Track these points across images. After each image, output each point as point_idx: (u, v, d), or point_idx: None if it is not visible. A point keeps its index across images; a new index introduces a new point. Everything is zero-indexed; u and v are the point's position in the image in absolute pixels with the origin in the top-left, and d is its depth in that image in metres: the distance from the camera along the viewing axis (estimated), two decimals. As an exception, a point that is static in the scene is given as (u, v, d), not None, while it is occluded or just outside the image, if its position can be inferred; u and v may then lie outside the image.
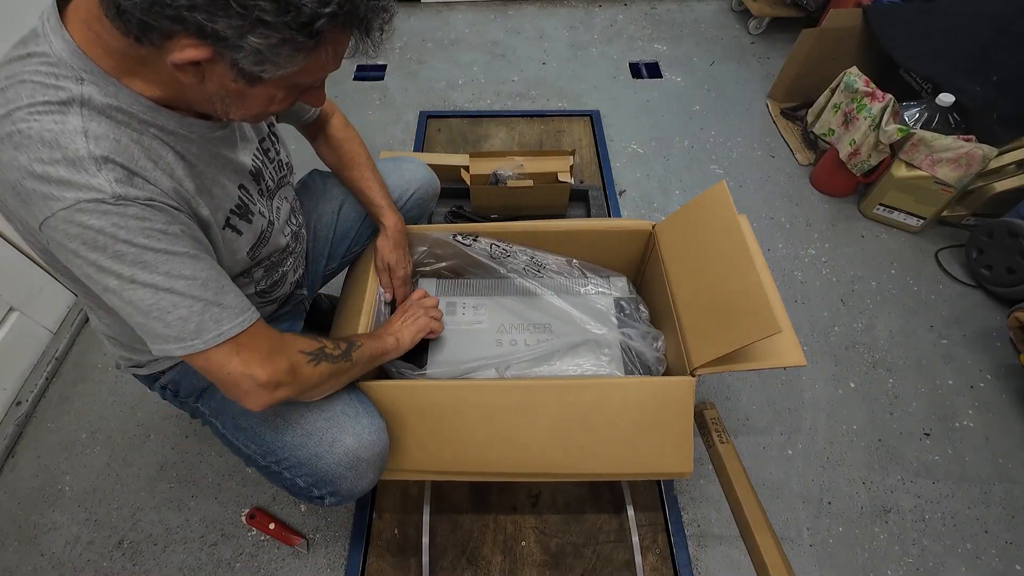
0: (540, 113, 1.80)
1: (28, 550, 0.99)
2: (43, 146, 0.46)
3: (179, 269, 0.51)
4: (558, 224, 1.00)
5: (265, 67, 0.46)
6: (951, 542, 1.00)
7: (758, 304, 0.73)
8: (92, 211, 0.47)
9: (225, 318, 0.55)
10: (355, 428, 0.72)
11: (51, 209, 0.47)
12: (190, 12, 0.41)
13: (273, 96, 0.53)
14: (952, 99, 1.34)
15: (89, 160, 0.47)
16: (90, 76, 0.48)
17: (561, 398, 0.79)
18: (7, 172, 0.47)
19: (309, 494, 0.74)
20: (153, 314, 0.52)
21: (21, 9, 1.10)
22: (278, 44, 0.44)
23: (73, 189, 0.46)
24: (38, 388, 1.17)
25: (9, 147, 0.46)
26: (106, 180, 0.47)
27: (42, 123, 0.46)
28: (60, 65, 0.48)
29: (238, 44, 0.43)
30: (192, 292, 0.52)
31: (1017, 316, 1.17)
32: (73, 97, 0.47)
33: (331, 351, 0.67)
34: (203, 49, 0.44)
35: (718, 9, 2.28)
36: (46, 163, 0.46)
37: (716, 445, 1.06)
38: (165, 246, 0.50)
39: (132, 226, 0.48)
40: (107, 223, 0.47)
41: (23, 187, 0.47)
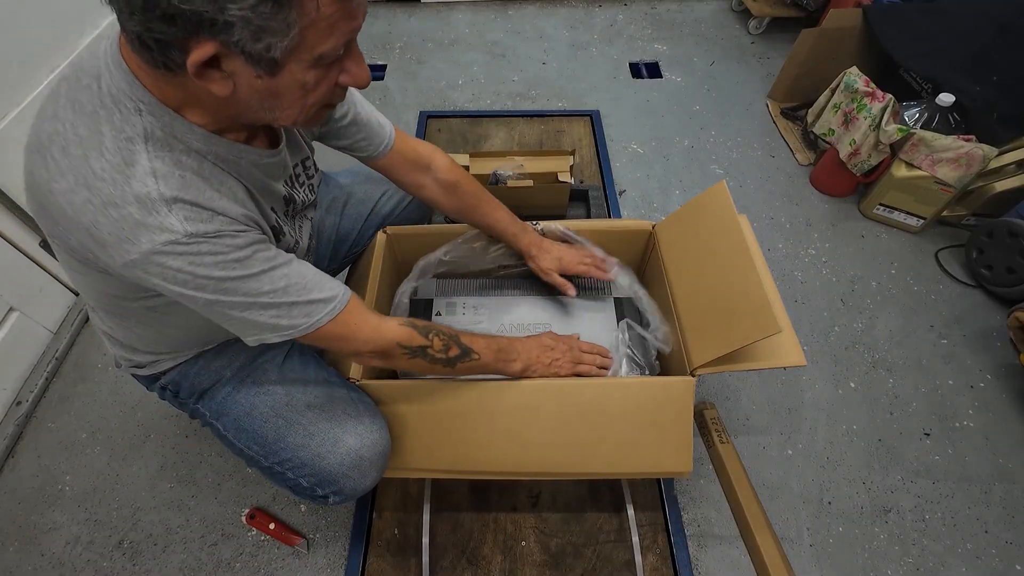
0: (540, 113, 1.80)
1: (28, 550, 0.99)
2: (115, 188, 0.47)
3: (258, 287, 0.54)
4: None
5: (265, 39, 0.43)
6: (951, 542, 1.00)
7: (758, 304, 0.73)
8: (169, 252, 0.49)
9: (312, 311, 0.58)
10: (357, 428, 0.72)
11: (129, 254, 0.49)
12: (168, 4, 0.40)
13: (302, 82, 0.49)
14: (952, 99, 1.34)
15: (160, 202, 0.48)
16: (147, 107, 0.49)
17: (561, 398, 0.79)
18: (81, 215, 0.48)
19: (312, 494, 0.74)
20: (249, 325, 0.57)
21: (21, 10, 1.11)
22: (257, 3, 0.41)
23: (148, 232, 0.48)
24: (38, 388, 1.17)
25: (83, 189, 0.48)
26: (177, 220, 0.49)
27: (113, 163, 0.48)
28: (121, 96, 0.48)
29: (226, 20, 0.41)
30: (275, 301, 0.56)
31: (1017, 316, 1.17)
32: (138, 133, 0.49)
33: (434, 353, 0.69)
34: (207, 46, 0.43)
35: (718, 9, 2.28)
36: (119, 206, 0.47)
37: (716, 445, 1.06)
38: (240, 272, 0.53)
39: (207, 262, 0.51)
40: (184, 263, 0.50)
41: (98, 231, 0.48)
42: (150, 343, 0.71)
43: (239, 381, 0.76)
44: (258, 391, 0.75)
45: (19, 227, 1.14)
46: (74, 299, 1.30)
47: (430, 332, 0.69)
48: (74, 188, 0.48)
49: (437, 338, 0.69)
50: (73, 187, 0.48)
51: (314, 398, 0.75)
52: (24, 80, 1.13)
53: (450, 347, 0.70)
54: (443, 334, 0.70)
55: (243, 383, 0.76)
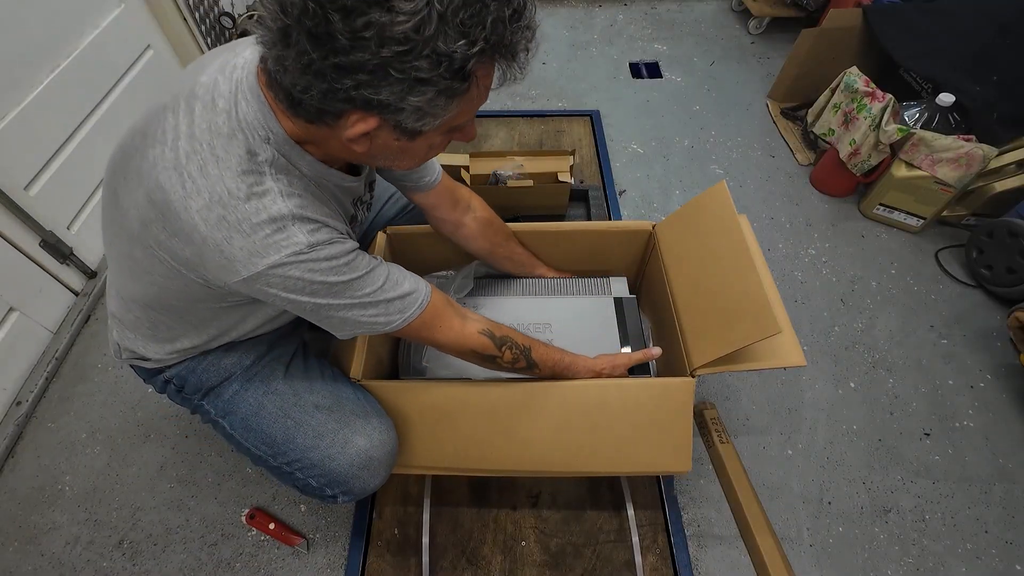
0: (540, 113, 1.80)
1: (28, 550, 0.99)
2: (249, 207, 0.52)
3: (362, 287, 0.60)
4: (558, 224, 0.99)
5: (425, 120, 0.49)
6: (951, 542, 1.00)
7: (758, 304, 0.73)
8: (292, 263, 0.54)
9: (407, 305, 0.64)
10: (366, 428, 0.73)
11: (256, 267, 0.53)
12: (357, 91, 0.45)
13: (432, 143, 0.57)
14: (952, 99, 1.34)
15: (289, 219, 0.54)
16: (275, 137, 0.54)
17: (561, 398, 0.79)
18: (216, 231, 0.52)
19: (322, 494, 0.74)
20: (348, 323, 0.62)
21: (21, 10, 1.11)
22: (435, 96, 0.47)
23: (276, 247, 0.53)
24: (38, 388, 1.17)
25: (218, 207, 0.52)
26: (302, 232, 0.54)
27: (248, 184, 0.52)
28: (255, 125, 0.53)
29: (400, 107, 0.47)
30: (376, 299, 0.62)
31: (1017, 316, 1.17)
32: (266, 159, 0.54)
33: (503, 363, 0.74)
34: (371, 121, 0.49)
35: (718, 9, 2.28)
36: (254, 224, 0.52)
37: (716, 445, 1.06)
38: (348, 276, 0.58)
39: (323, 267, 0.56)
40: (304, 271, 0.55)
41: (230, 247, 0.52)
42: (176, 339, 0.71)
43: (247, 380, 0.76)
44: (266, 390, 0.75)
45: (19, 227, 1.14)
46: (74, 299, 1.30)
47: (504, 344, 0.74)
48: (210, 205, 0.52)
49: (509, 351, 0.74)
50: (209, 204, 0.52)
51: (322, 398, 0.75)
52: (24, 80, 1.13)
53: (518, 360, 0.75)
54: (516, 347, 0.75)
55: (251, 382, 0.76)
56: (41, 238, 1.18)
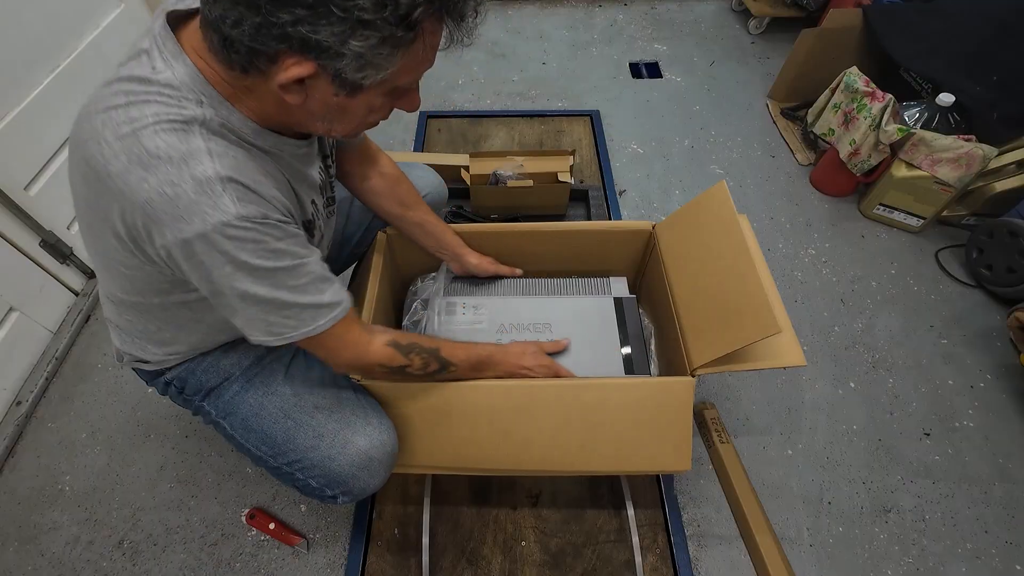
0: (540, 113, 1.80)
1: (28, 550, 0.99)
2: (171, 167, 0.48)
3: (284, 280, 0.56)
4: (558, 224, 1.00)
5: (366, 72, 0.47)
6: (951, 542, 1.00)
7: (758, 304, 0.73)
8: (218, 234, 0.50)
9: (320, 315, 0.60)
10: (366, 429, 0.73)
11: (182, 232, 0.49)
12: (294, 27, 0.43)
13: (372, 105, 0.54)
14: (952, 99, 1.34)
15: (216, 180, 0.49)
16: (208, 99, 0.50)
17: (561, 398, 0.79)
18: (136, 193, 0.48)
19: (322, 494, 0.74)
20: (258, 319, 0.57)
21: (21, 10, 1.11)
22: (378, 44, 0.44)
23: (202, 212, 0.49)
24: (38, 388, 1.17)
25: (138, 168, 0.48)
26: (231, 200, 0.50)
27: (168, 142, 0.48)
28: (183, 88, 0.50)
29: (340, 51, 0.44)
30: (294, 299, 0.57)
31: (1017, 316, 1.17)
32: (195, 117, 0.50)
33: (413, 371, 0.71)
34: (307, 65, 0.46)
35: (718, 9, 2.28)
36: (175, 184, 0.48)
37: (716, 445, 1.06)
38: (274, 263, 0.54)
39: (249, 248, 0.52)
40: (230, 246, 0.51)
41: (152, 208, 0.48)
42: (170, 340, 0.71)
43: (247, 380, 0.76)
44: (266, 391, 0.75)
45: (19, 227, 1.14)
46: (74, 299, 1.30)
47: (411, 351, 0.70)
48: (129, 168, 0.48)
49: (417, 357, 0.71)
50: (128, 167, 0.48)
51: (322, 399, 0.75)
52: (24, 80, 1.13)
53: (429, 363, 0.72)
54: (424, 352, 0.71)
55: (251, 382, 0.76)
56: (41, 238, 1.18)
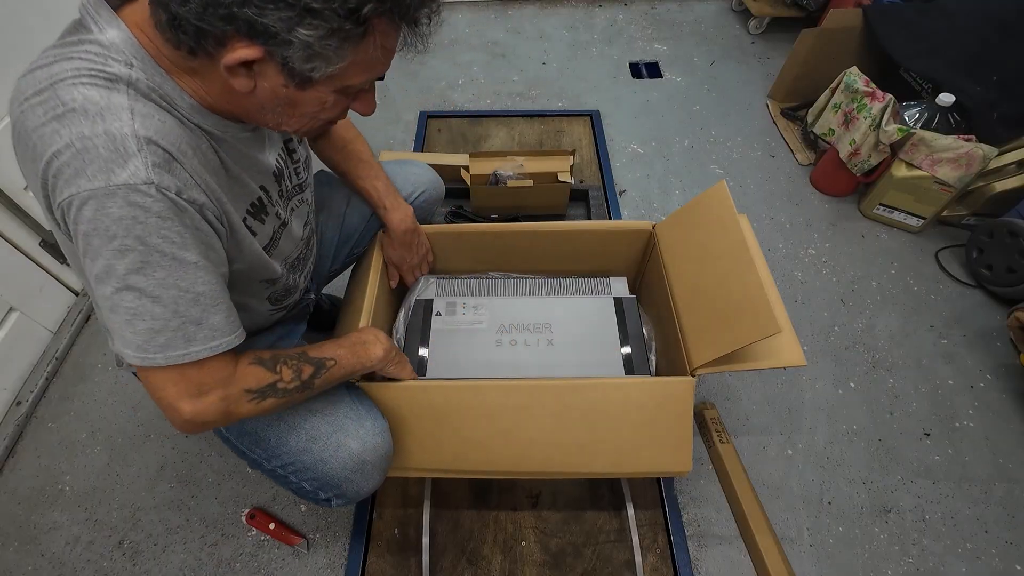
0: (540, 113, 1.80)
1: (28, 550, 0.99)
2: (85, 119, 0.44)
3: (175, 279, 0.49)
4: (558, 224, 0.99)
5: (315, 63, 0.45)
6: (951, 542, 1.00)
7: (758, 304, 0.73)
8: (118, 200, 0.45)
9: (198, 339, 0.52)
10: (359, 432, 0.72)
11: (79, 187, 0.44)
12: (241, 8, 0.41)
13: (323, 101, 0.52)
14: (952, 99, 1.34)
15: (132, 138, 0.45)
16: (140, 63, 0.47)
17: (561, 398, 0.79)
18: (48, 145, 0.45)
19: (316, 497, 0.74)
20: (126, 317, 0.49)
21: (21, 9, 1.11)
22: (326, 35, 0.43)
23: (105, 171, 0.44)
24: (38, 388, 1.17)
25: (52, 121, 0.45)
26: (143, 163, 0.45)
27: (86, 94, 0.45)
28: (112, 49, 0.46)
29: (287, 39, 0.43)
30: (178, 306, 0.50)
31: (1017, 316, 1.17)
32: (120, 76, 0.46)
33: (286, 384, 0.61)
34: (254, 48, 0.44)
35: (718, 9, 2.28)
36: (87, 137, 0.44)
37: (716, 445, 1.06)
38: (174, 251, 0.48)
39: (151, 223, 0.46)
40: (127, 213, 0.45)
41: (58, 161, 0.45)
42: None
43: None
44: None
45: (19, 227, 1.14)
46: (74, 299, 1.30)
47: (278, 362, 0.61)
48: (45, 122, 0.45)
49: (286, 368, 0.61)
50: (44, 121, 0.45)
51: (315, 401, 0.74)
52: (24, 80, 1.13)
53: (302, 369, 0.63)
54: (290, 359, 0.63)
55: None
56: (41, 238, 1.18)
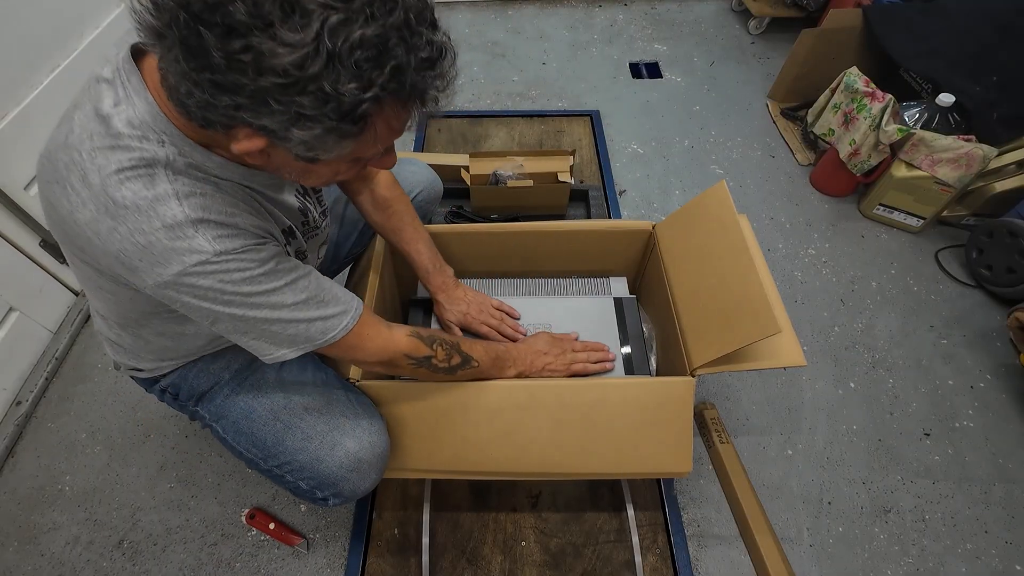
0: (540, 113, 1.80)
1: (28, 550, 0.99)
2: (140, 215, 0.47)
3: (282, 300, 0.55)
4: (558, 224, 0.99)
5: (316, 152, 0.46)
6: (951, 542, 1.00)
7: (758, 304, 0.73)
8: (199, 273, 0.49)
9: (329, 327, 0.60)
10: (355, 431, 0.72)
11: (161, 276, 0.49)
12: (237, 111, 0.42)
13: (337, 169, 0.54)
14: (952, 99, 1.34)
15: (187, 224, 0.48)
16: (169, 138, 0.49)
17: (561, 398, 0.79)
18: (108, 243, 0.48)
19: (312, 496, 0.74)
20: (264, 338, 0.58)
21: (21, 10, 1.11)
22: (323, 134, 0.43)
23: (178, 255, 0.48)
24: (38, 388, 1.17)
25: (107, 218, 0.47)
26: (205, 240, 0.49)
27: (134, 190, 0.47)
28: (143, 128, 0.48)
29: (286, 136, 0.43)
30: (296, 316, 0.57)
31: (1017, 316, 1.17)
32: (157, 159, 0.48)
33: (439, 363, 0.71)
34: (259, 140, 0.45)
35: (718, 9, 2.28)
36: (147, 232, 0.47)
37: (716, 445, 1.06)
38: (266, 286, 0.54)
39: (235, 278, 0.51)
40: (214, 281, 0.50)
41: (128, 258, 0.48)
42: (160, 351, 0.71)
43: (237, 383, 0.76)
44: (256, 394, 0.75)
45: (19, 227, 1.14)
46: (74, 299, 1.30)
47: (434, 342, 0.71)
48: (98, 218, 0.48)
49: (441, 348, 0.71)
50: (96, 216, 0.48)
51: (312, 400, 0.75)
52: (24, 80, 1.13)
53: (452, 356, 0.72)
54: (446, 343, 0.72)
55: (241, 385, 0.76)
56: (41, 238, 1.18)
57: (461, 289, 0.95)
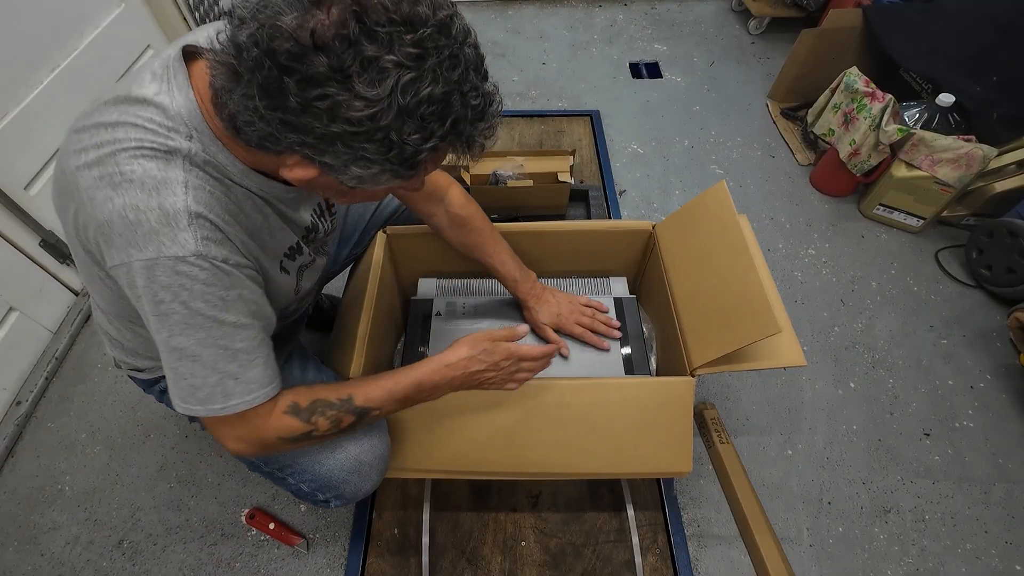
0: (540, 113, 1.80)
1: (28, 550, 0.99)
2: (142, 191, 0.47)
3: (216, 338, 0.52)
4: (558, 224, 0.99)
5: (366, 185, 0.48)
6: (951, 542, 1.00)
7: (758, 304, 0.73)
8: (167, 269, 0.48)
9: (235, 393, 0.54)
10: (356, 433, 0.72)
11: (130, 256, 0.48)
12: (300, 147, 0.44)
13: (374, 194, 0.56)
14: (952, 99, 1.34)
15: (184, 213, 0.48)
16: (199, 135, 0.49)
17: (561, 398, 0.79)
18: (99, 210, 0.47)
19: (314, 498, 0.74)
20: (171, 376, 0.54)
21: (21, 10, 1.11)
22: (378, 173, 0.45)
23: (157, 241, 0.47)
24: (38, 388, 1.17)
25: (106, 187, 0.47)
26: (193, 236, 0.48)
27: (145, 168, 0.47)
28: (176, 120, 0.49)
29: (343, 171, 0.45)
30: (216, 364, 0.53)
31: (1017, 316, 1.17)
32: (179, 150, 0.49)
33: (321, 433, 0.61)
34: (311, 170, 0.47)
35: (718, 9, 2.28)
36: (141, 210, 0.47)
37: (716, 445, 1.06)
38: (215, 313, 0.51)
39: (196, 289, 0.49)
40: (174, 282, 0.48)
41: (109, 229, 0.47)
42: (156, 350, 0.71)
43: None
44: None
45: (19, 227, 1.14)
46: (74, 299, 1.30)
47: (314, 413, 0.60)
48: (99, 184, 0.47)
49: (323, 418, 0.61)
50: (98, 183, 0.47)
51: None
52: (24, 80, 1.13)
53: (341, 419, 0.62)
54: (331, 408, 0.61)
55: None
56: (41, 238, 1.18)
57: (548, 292, 0.95)
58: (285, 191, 0.59)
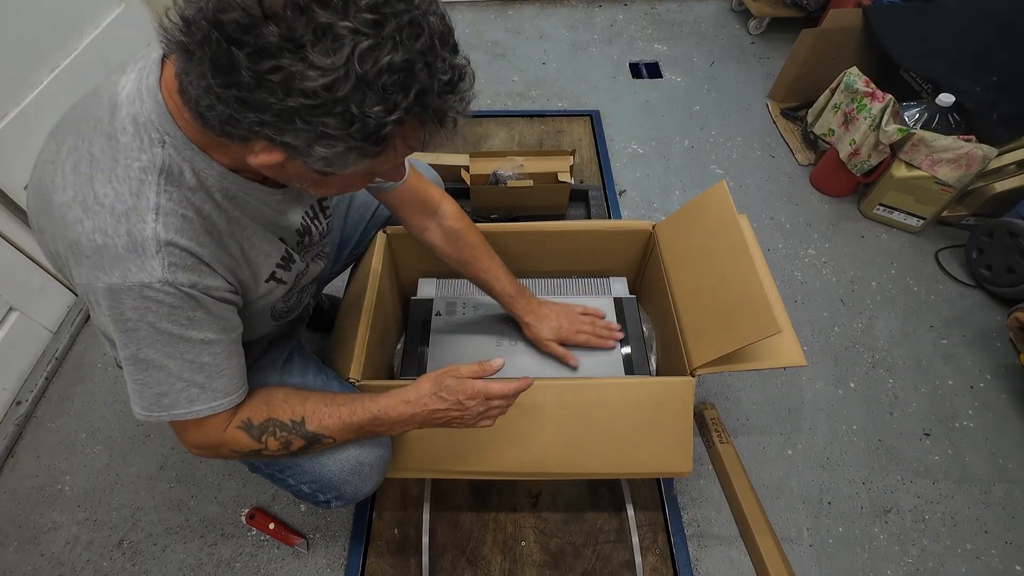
0: (540, 113, 1.80)
1: (28, 550, 0.99)
2: (111, 217, 0.47)
3: (182, 352, 0.52)
4: (558, 224, 1.00)
5: (334, 168, 0.46)
6: (951, 542, 1.00)
7: (758, 304, 0.73)
8: (132, 293, 0.48)
9: (200, 399, 0.55)
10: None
11: (96, 278, 0.48)
12: (260, 127, 0.42)
13: (349, 182, 0.54)
14: (952, 99, 1.34)
15: (152, 240, 0.47)
16: (172, 140, 0.49)
17: (561, 398, 0.79)
18: (68, 231, 0.48)
19: (315, 499, 0.74)
20: (136, 387, 0.54)
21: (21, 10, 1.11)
22: (344, 152, 0.44)
23: (122, 269, 0.47)
24: (38, 388, 1.17)
25: (79, 208, 0.47)
26: (160, 264, 0.48)
27: (118, 192, 0.47)
28: (147, 127, 0.48)
29: (307, 152, 0.44)
30: (182, 373, 0.53)
31: (1017, 316, 1.17)
32: (154, 163, 0.48)
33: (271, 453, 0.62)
34: (277, 154, 0.45)
35: (718, 9, 2.28)
36: (109, 235, 0.47)
37: (716, 445, 1.06)
38: (182, 331, 0.51)
39: (162, 312, 0.49)
40: (140, 305, 0.49)
41: (78, 249, 0.48)
42: None
43: None
44: None
45: (19, 227, 1.14)
46: (74, 299, 1.30)
47: (265, 432, 0.61)
48: (71, 204, 0.47)
49: (272, 438, 0.61)
50: (70, 203, 0.47)
51: None
52: (24, 80, 1.13)
53: (291, 442, 0.62)
54: (283, 429, 0.61)
55: None
56: (41, 238, 1.18)
57: (545, 306, 0.94)
58: (270, 193, 0.58)
